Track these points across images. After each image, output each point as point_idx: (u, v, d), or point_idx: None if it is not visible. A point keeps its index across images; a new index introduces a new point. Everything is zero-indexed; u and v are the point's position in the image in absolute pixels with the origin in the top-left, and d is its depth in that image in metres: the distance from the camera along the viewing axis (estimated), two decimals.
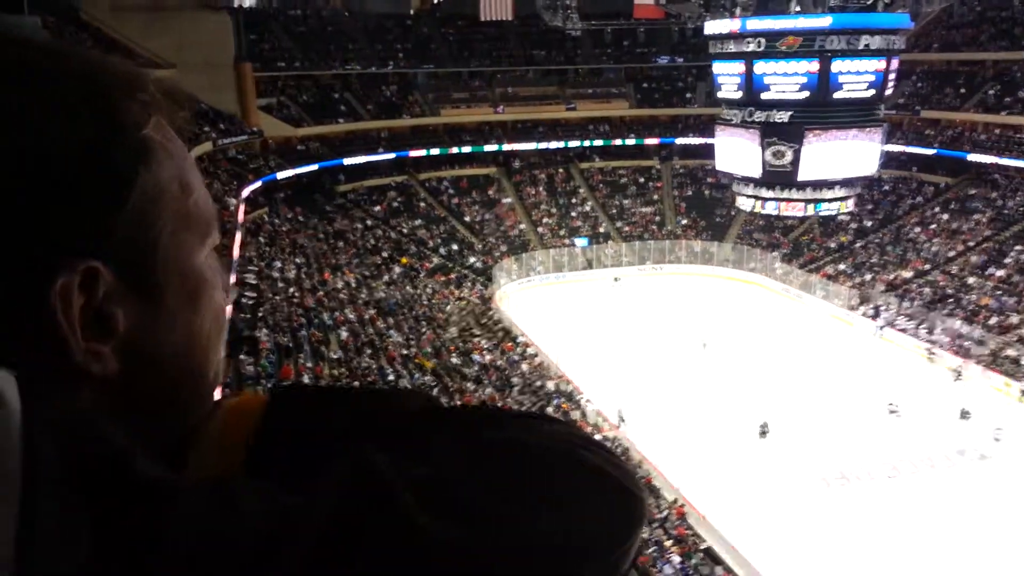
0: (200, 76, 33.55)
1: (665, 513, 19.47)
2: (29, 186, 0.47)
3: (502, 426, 0.61)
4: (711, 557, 18.52)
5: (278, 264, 29.45)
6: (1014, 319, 30.41)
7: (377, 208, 42.64)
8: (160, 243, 0.55)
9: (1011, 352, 28.19)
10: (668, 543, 18.25)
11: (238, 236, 26.00)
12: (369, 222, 40.97)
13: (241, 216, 29.21)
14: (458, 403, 20.61)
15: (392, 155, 44.39)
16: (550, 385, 26.46)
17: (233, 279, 22.20)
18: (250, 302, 23.21)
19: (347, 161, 42.51)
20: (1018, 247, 34.39)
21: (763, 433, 22.76)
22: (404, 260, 38.05)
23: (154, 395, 0.56)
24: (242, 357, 19.43)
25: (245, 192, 32.19)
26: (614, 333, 31.60)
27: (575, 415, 24.23)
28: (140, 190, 0.53)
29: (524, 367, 27.64)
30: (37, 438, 0.42)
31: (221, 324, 0.63)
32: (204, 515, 0.46)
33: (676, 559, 17.65)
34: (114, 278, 0.51)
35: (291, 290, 27.75)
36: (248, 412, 0.63)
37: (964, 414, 23.82)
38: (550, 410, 23.88)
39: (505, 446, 0.58)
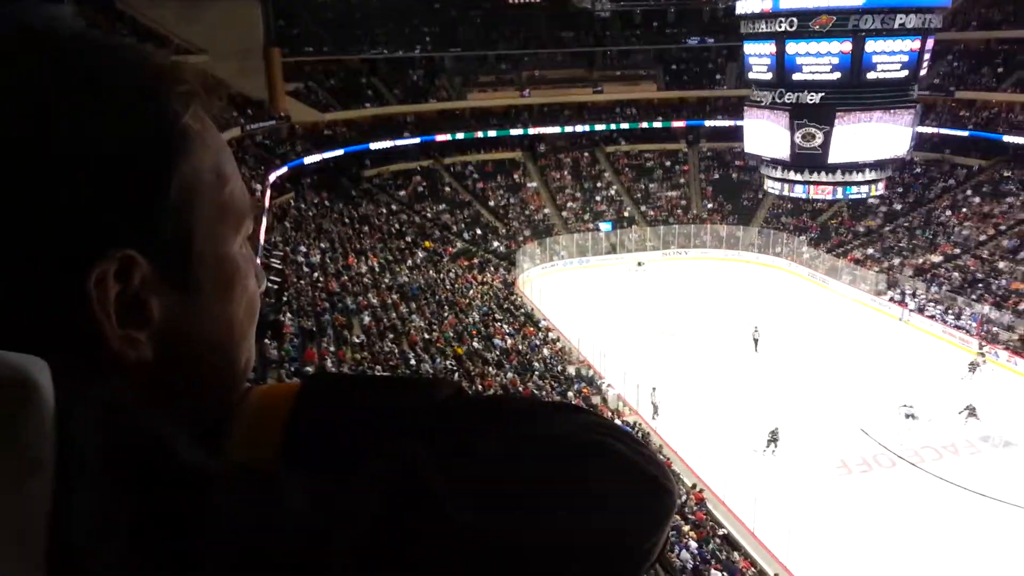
0: (230, 62, 33.98)
1: (684, 498, 19.55)
2: (70, 175, 0.48)
3: (536, 418, 0.62)
4: (729, 543, 18.58)
5: (303, 249, 29.86)
6: None
7: (402, 193, 42.91)
8: (196, 232, 0.55)
9: None
10: (686, 528, 18.32)
11: (264, 221, 26.41)
12: (394, 207, 41.28)
13: (268, 201, 29.63)
14: (486, 392, 20.73)
15: (418, 140, 44.57)
16: (571, 370, 26.58)
17: (258, 264, 22.57)
18: (275, 287, 23.60)
19: (373, 146, 42.75)
20: None
21: (771, 441, 21.23)
22: (427, 244, 38.31)
23: (188, 382, 0.57)
24: (266, 341, 19.81)
25: (272, 177, 32.63)
26: (636, 318, 31.57)
27: (596, 400, 24.34)
28: (178, 180, 0.53)
29: (545, 352, 27.77)
30: (73, 425, 0.42)
31: (253, 312, 0.64)
32: (250, 504, 0.46)
33: (693, 544, 17.72)
34: (150, 267, 0.52)
35: (315, 274, 28.15)
36: (280, 400, 0.63)
37: (971, 411, 22.68)
38: (571, 395, 24.03)
39: (541, 439, 0.59)
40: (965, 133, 40.28)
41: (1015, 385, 25.44)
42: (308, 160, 38.35)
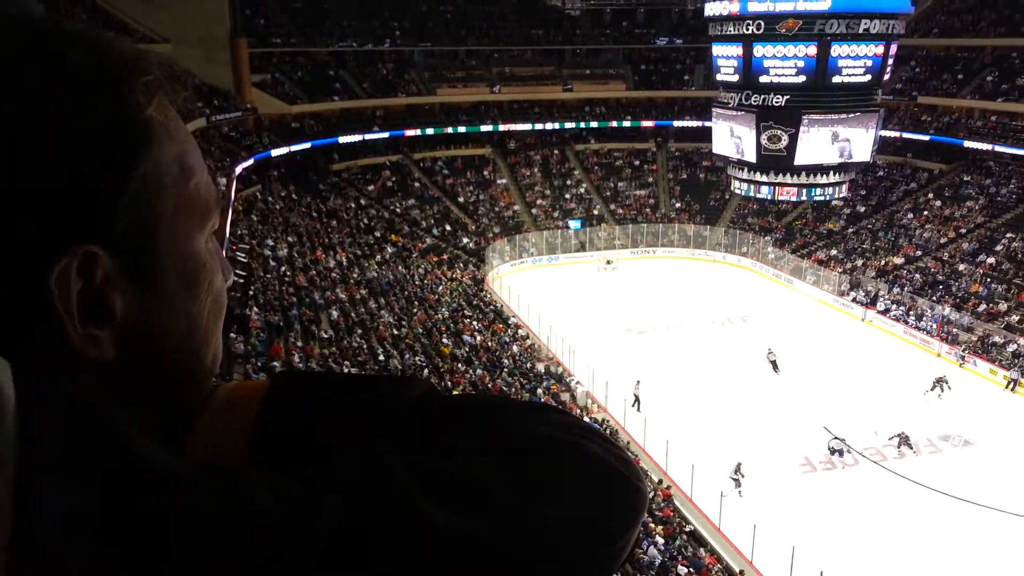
0: (195, 51, 33.36)
1: (651, 495, 19.65)
2: (30, 170, 0.46)
3: (508, 417, 0.61)
4: (695, 539, 18.74)
5: (270, 242, 29.43)
6: (1002, 306, 30.58)
7: (371, 187, 42.56)
8: (160, 227, 0.54)
9: (998, 339, 28.40)
10: (653, 524, 18.44)
11: (230, 214, 25.96)
12: (363, 201, 40.90)
13: (233, 193, 29.14)
14: (456, 390, 20.61)
15: (387, 134, 44.22)
16: (540, 367, 26.59)
17: (225, 259, 22.18)
18: (241, 280, 23.20)
19: (341, 139, 42.35)
20: (1009, 234, 34.50)
21: (736, 481, 19.82)
22: (394, 237, 38.03)
23: (153, 380, 0.56)
24: (232, 335, 19.46)
25: (238, 169, 32.10)
26: (605, 316, 31.70)
27: (565, 397, 24.38)
28: (141, 173, 0.52)
29: (515, 349, 27.74)
30: (35, 425, 0.41)
31: (220, 309, 0.62)
32: (214, 505, 0.46)
33: (660, 540, 17.84)
34: (112, 262, 0.50)
35: (283, 268, 27.77)
36: (248, 397, 0.62)
37: (940, 384, 23.91)
38: (540, 392, 24.03)
39: (513, 438, 0.58)
40: (927, 137, 41.16)
41: (975, 386, 26.04)
42: (275, 152, 37.82)
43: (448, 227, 41.48)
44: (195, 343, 0.59)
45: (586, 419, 21.87)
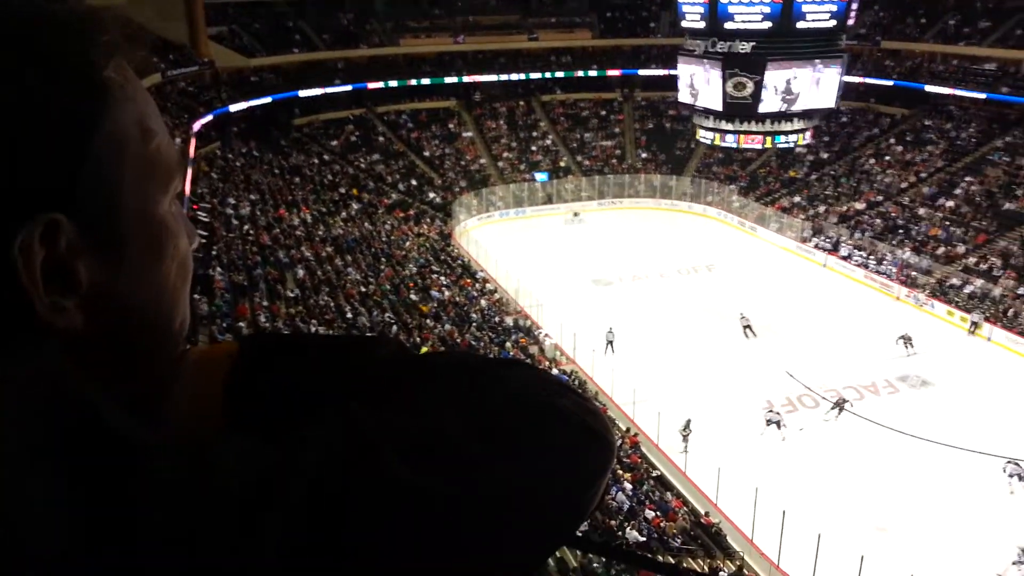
0: (148, 5, 32.18)
1: (619, 442, 20.05)
2: None
3: (476, 374, 0.61)
4: (662, 484, 19.23)
5: (232, 201, 28.96)
6: (960, 249, 31.23)
7: (334, 143, 41.87)
8: (122, 192, 0.52)
9: (955, 281, 29.07)
10: (621, 471, 18.86)
11: (189, 172, 25.43)
12: (326, 157, 40.27)
13: (192, 151, 28.51)
14: (425, 348, 20.54)
15: (349, 87, 43.35)
16: (508, 321, 26.73)
17: (189, 222, 21.82)
18: (203, 240, 22.87)
19: (302, 93, 41.41)
20: (968, 178, 35.05)
21: (685, 436, 19.78)
22: (355, 192, 37.56)
23: (121, 347, 0.55)
24: (196, 297, 19.26)
25: (196, 126, 31.35)
26: (573, 268, 31.84)
27: (533, 350, 24.59)
28: (101, 136, 0.50)
29: (483, 303, 27.82)
30: (5, 397, 0.41)
31: (186, 273, 0.61)
32: (183, 472, 0.46)
33: (628, 486, 18.28)
34: (75, 230, 0.49)
35: (246, 227, 27.41)
36: (217, 362, 0.62)
37: (907, 341, 24.43)
38: (508, 345, 24.20)
39: (481, 395, 0.59)
40: (890, 83, 41.32)
41: (933, 328, 26.71)
42: (234, 108, 36.94)
43: (414, 182, 41.07)
44: (162, 308, 0.58)
45: (555, 371, 22.12)
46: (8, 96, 0.46)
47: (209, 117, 33.82)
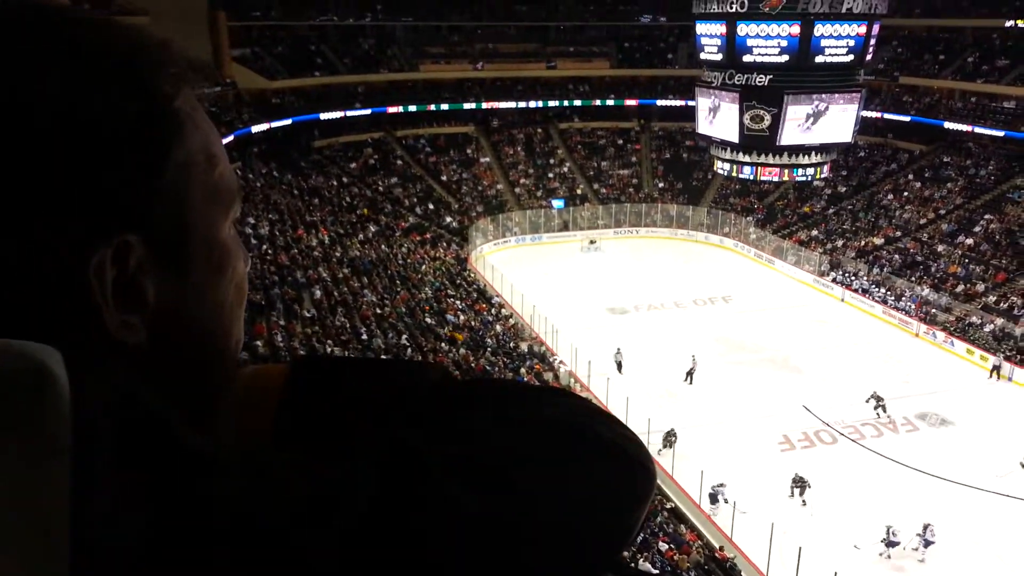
0: (173, 24, 32.61)
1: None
2: (69, 162, 0.48)
3: (523, 401, 0.63)
4: (676, 516, 18.99)
5: (251, 220, 29.13)
6: (980, 287, 30.98)
7: (353, 165, 42.18)
8: (189, 215, 0.55)
9: (975, 319, 28.79)
10: None
11: None
12: (345, 179, 40.54)
13: None
14: (472, 376, 20.56)
15: (368, 111, 43.77)
16: (523, 347, 26.64)
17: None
18: None
19: (323, 116, 41.83)
20: (988, 216, 34.87)
21: (667, 444, 20.28)
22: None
23: (181, 364, 0.57)
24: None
25: None
26: (588, 295, 31.78)
27: (548, 377, 24.46)
28: (172, 163, 0.53)
29: (498, 328, 27.76)
30: (88, 412, 0.42)
31: (242, 294, 0.64)
32: (250, 486, 0.47)
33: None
34: (145, 251, 0.52)
35: (264, 247, 27.53)
36: (270, 381, 0.63)
37: (878, 401, 22.40)
38: (523, 372, 24.09)
39: (531, 422, 0.60)
40: (907, 118, 41.36)
41: (953, 366, 26.41)
42: (255, 129, 37.28)
43: (431, 206, 41.26)
44: (221, 328, 0.61)
45: None
46: (88, 125, 0.49)
47: (231, 138, 34.14)
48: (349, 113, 42.97)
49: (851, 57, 30.66)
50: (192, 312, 0.57)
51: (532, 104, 47.71)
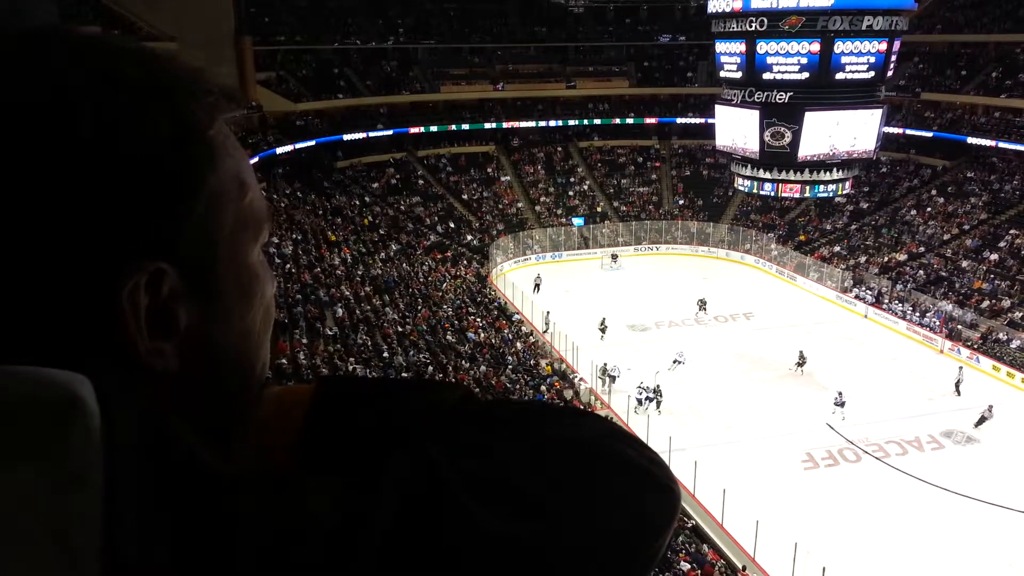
0: (199, 49, 33.36)
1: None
2: (106, 190, 0.48)
3: (544, 422, 0.63)
4: (698, 534, 18.87)
5: (275, 240, 29.57)
6: (1006, 303, 30.61)
7: (375, 185, 42.66)
8: (221, 242, 0.56)
9: (1002, 336, 28.43)
10: None
11: None
12: (367, 199, 41.02)
13: None
14: (493, 397, 20.72)
15: (391, 132, 44.29)
16: (544, 364, 26.69)
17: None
18: None
19: (346, 137, 42.47)
20: (1013, 231, 34.51)
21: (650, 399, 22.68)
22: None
23: (208, 390, 0.57)
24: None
25: None
26: (608, 313, 31.78)
27: (568, 394, 24.50)
28: (205, 191, 0.54)
29: (519, 346, 27.86)
30: (119, 440, 0.43)
31: (270, 319, 0.65)
32: (274, 508, 0.47)
33: None
34: (177, 278, 0.52)
35: (287, 266, 27.92)
36: (295, 402, 0.64)
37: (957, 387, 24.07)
38: (544, 389, 24.15)
39: (554, 443, 0.59)
40: (930, 134, 41.13)
41: (981, 383, 26.07)
42: (280, 150, 37.93)
43: (452, 224, 41.59)
44: (248, 352, 0.61)
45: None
46: (124, 153, 0.49)
47: (256, 159, 34.74)
48: (371, 134, 43.55)
49: (871, 74, 30.63)
50: (221, 338, 0.57)
51: (552, 123, 48.08)
